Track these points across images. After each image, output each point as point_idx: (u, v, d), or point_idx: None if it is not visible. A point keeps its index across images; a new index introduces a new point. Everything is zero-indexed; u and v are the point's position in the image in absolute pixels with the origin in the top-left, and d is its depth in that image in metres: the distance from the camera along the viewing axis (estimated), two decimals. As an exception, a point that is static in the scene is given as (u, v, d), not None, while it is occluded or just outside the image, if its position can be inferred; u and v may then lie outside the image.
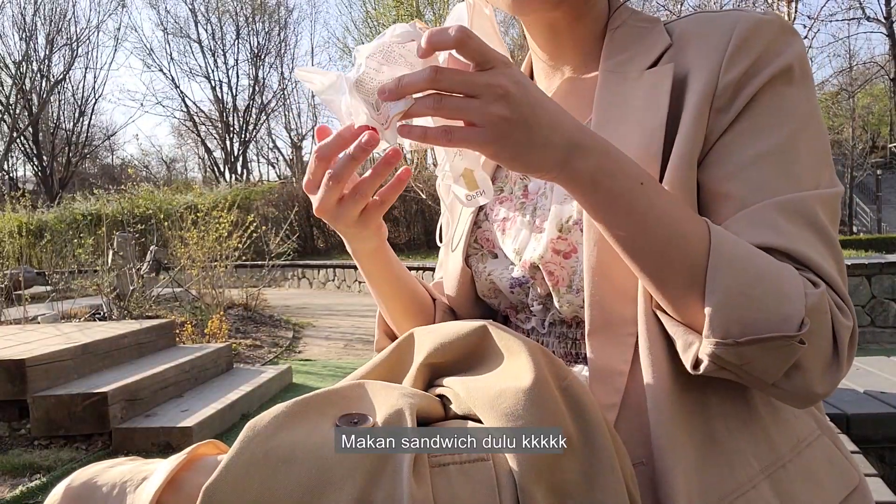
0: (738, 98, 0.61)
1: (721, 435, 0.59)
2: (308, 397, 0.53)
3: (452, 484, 0.48)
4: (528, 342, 0.56)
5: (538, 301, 0.72)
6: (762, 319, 0.52)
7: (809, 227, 0.58)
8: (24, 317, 5.43)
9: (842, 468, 0.65)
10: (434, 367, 0.61)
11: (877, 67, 22.23)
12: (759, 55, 0.61)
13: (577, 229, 0.66)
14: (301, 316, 7.57)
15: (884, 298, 5.41)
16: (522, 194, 0.75)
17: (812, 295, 0.54)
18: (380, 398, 0.53)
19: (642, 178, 0.55)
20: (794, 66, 0.62)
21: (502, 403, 0.51)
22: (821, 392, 0.56)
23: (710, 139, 0.61)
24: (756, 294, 0.53)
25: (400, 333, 0.80)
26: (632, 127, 0.63)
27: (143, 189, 13.45)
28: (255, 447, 0.47)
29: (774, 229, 0.57)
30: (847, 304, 0.57)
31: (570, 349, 0.70)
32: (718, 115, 0.61)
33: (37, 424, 3.14)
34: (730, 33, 0.62)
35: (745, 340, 0.52)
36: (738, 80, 0.61)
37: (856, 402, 2.71)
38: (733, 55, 0.61)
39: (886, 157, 23.28)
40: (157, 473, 0.50)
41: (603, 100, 0.67)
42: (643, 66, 0.66)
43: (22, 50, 25.29)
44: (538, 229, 0.71)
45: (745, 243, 0.56)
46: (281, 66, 29.20)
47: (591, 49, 0.74)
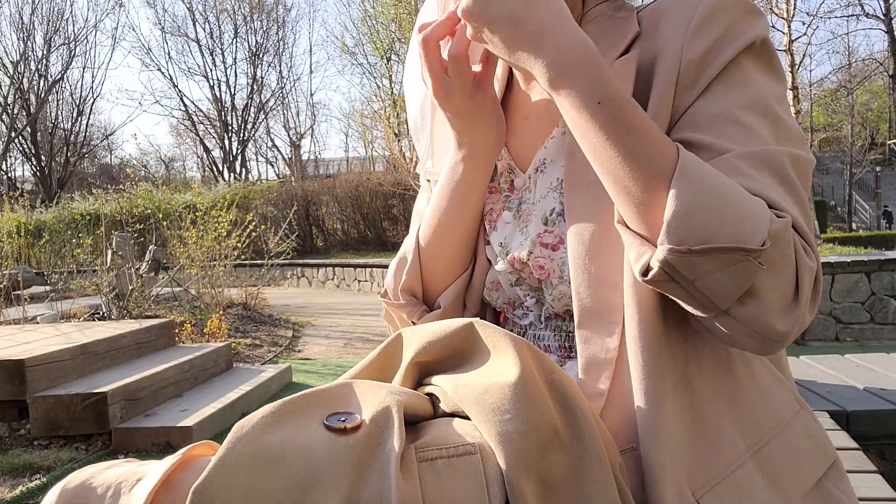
0: (703, 76, 0.62)
1: (708, 416, 0.60)
2: (296, 397, 0.53)
3: (440, 478, 0.48)
4: (514, 338, 0.57)
5: (530, 295, 0.73)
6: (721, 232, 0.51)
7: (775, 175, 0.57)
8: (23, 317, 5.43)
9: (820, 444, 0.67)
10: (422, 365, 0.62)
11: (876, 64, 22.25)
12: (722, 33, 0.62)
13: (562, 220, 0.67)
14: (300, 315, 7.57)
15: (883, 295, 5.41)
16: (508, 189, 0.76)
17: (777, 222, 0.53)
18: (367, 396, 0.54)
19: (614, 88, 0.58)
20: (755, 43, 0.63)
21: (489, 399, 0.52)
22: (780, 329, 0.54)
23: (675, 117, 0.62)
24: (718, 206, 0.52)
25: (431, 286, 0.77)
26: None
27: (141, 188, 13.44)
28: (243, 447, 0.48)
29: (737, 173, 0.56)
30: (812, 248, 0.56)
31: (565, 342, 0.71)
32: (683, 92, 0.62)
33: (36, 424, 3.14)
34: (692, 12, 0.63)
35: (700, 249, 0.51)
36: (701, 58, 0.62)
37: (856, 398, 2.72)
38: (695, 33, 0.62)
39: (885, 153, 23.29)
40: (152, 474, 0.50)
41: None
42: (613, 56, 0.67)
43: (19, 49, 25.32)
44: (523, 224, 0.72)
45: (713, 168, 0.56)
46: (279, 65, 29.30)
47: None
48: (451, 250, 0.76)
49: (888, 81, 22.03)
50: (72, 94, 27.60)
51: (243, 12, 28.56)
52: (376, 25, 16.93)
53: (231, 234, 7.09)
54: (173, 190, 14.12)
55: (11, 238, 8.32)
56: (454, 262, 0.77)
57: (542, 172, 0.71)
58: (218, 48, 28.71)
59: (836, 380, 3.00)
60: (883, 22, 20.13)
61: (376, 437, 0.49)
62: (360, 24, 16.95)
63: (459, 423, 0.54)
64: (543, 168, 0.71)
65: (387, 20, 16.83)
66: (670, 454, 0.56)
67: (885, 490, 1.88)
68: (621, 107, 0.56)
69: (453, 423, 0.54)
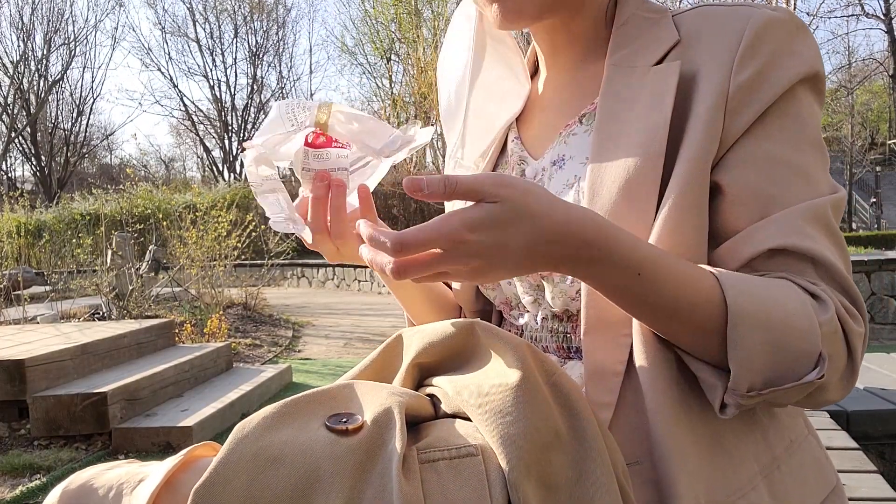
0: (754, 100, 0.60)
1: (725, 437, 0.60)
2: (297, 398, 0.53)
3: (442, 480, 0.48)
4: (514, 339, 0.56)
5: (529, 293, 0.71)
6: (783, 369, 0.54)
7: (826, 231, 0.59)
8: (23, 317, 5.43)
9: (824, 468, 0.67)
10: (423, 366, 0.61)
11: (876, 64, 22.25)
12: (773, 57, 0.60)
13: None
14: (300, 315, 7.57)
15: (883, 295, 5.41)
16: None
17: (825, 324, 0.55)
18: (368, 397, 0.53)
19: (640, 268, 0.54)
20: (810, 75, 0.62)
21: (490, 401, 0.51)
22: (839, 398, 0.59)
23: (727, 142, 0.60)
24: (776, 344, 0.54)
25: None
26: (635, 124, 0.63)
27: (141, 189, 13.44)
28: (245, 448, 0.48)
29: (801, 234, 0.58)
30: (858, 307, 0.58)
31: (563, 343, 0.69)
32: (733, 117, 0.60)
33: (36, 424, 3.14)
34: (741, 32, 0.61)
35: (769, 392, 0.54)
36: (752, 82, 0.60)
37: (856, 398, 2.72)
38: (745, 55, 0.60)
39: (885, 153, 23.29)
40: (154, 476, 0.50)
41: (608, 94, 0.66)
42: (650, 61, 0.65)
43: (19, 49, 25.31)
44: None
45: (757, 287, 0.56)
46: (279, 65, 29.28)
47: (592, 41, 0.73)
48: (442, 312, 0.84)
49: (888, 81, 22.02)
50: (72, 94, 27.62)
51: (243, 12, 28.56)
52: (376, 25, 16.93)
53: (231, 234, 7.09)
54: (173, 190, 14.11)
55: (11, 238, 8.32)
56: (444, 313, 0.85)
57: (561, 168, 0.69)
58: (218, 48, 28.72)
59: (836, 380, 2.99)
60: (883, 22, 20.12)
61: (378, 438, 0.49)
62: (360, 23, 16.97)
63: (461, 424, 0.54)
64: (562, 164, 0.69)
65: (387, 20, 16.83)
66: (688, 473, 0.56)
67: (885, 490, 1.88)
68: (656, 270, 0.54)
69: (455, 425, 0.54)
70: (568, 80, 0.75)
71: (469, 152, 0.79)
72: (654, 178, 0.60)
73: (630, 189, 0.60)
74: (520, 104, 0.79)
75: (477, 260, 0.50)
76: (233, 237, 7.07)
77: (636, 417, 0.59)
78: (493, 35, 0.78)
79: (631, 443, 0.59)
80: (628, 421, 0.60)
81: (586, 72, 0.73)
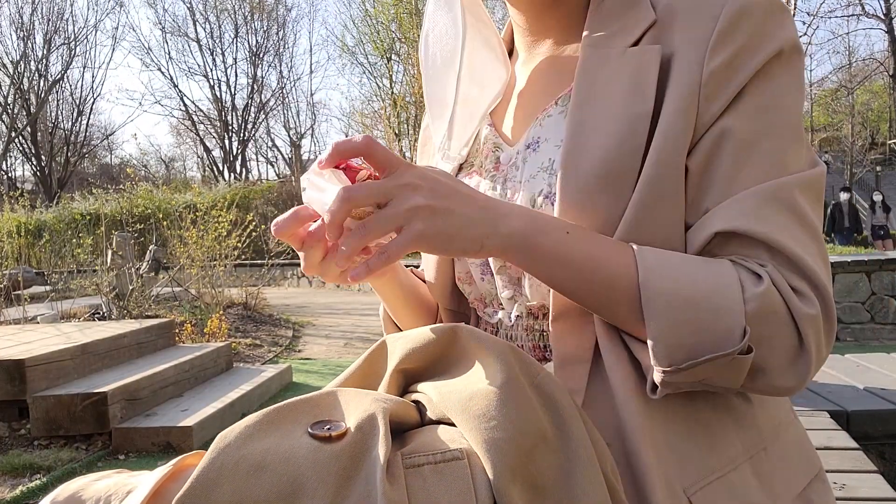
0: (727, 86, 0.59)
1: (705, 416, 0.60)
2: (279, 406, 0.52)
3: (427, 484, 0.48)
4: (497, 342, 0.56)
5: (508, 287, 0.70)
6: (701, 341, 0.54)
7: (788, 211, 0.58)
8: (23, 317, 5.43)
9: (808, 452, 0.68)
10: (407, 372, 0.61)
11: (876, 64, 22.24)
12: (747, 41, 0.59)
13: (549, 203, 0.64)
14: (301, 315, 7.57)
15: (883, 295, 5.41)
16: (494, 167, 0.72)
17: (752, 300, 0.54)
18: (352, 404, 0.53)
19: (567, 227, 0.59)
20: (783, 50, 0.60)
21: (474, 406, 0.51)
22: (790, 385, 0.57)
23: (700, 129, 0.60)
24: (690, 317, 0.54)
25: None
26: (612, 109, 0.61)
27: (141, 188, 13.44)
28: (227, 456, 0.47)
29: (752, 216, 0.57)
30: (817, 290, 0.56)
31: (539, 342, 0.69)
32: (707, 103, 0.59)
33: (36, 424, 3.14)
34: (716, 15, 0.60)
35: (687, 365, 0.53)
36: (725, 68, 0.59)
37: (856, 398, 2.72)
38: (718, 41, 0.59)
39: (886, 153, 23.28)
40: (142, 486, 0.49)
41: (584, 77, 0.64)
42: (626, 43, 0.64)
43: (19, 49, 25.31)
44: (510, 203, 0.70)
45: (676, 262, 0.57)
46: (279, 65, 29.31)
47: (576, 21, 0.71)
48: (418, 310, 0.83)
49: (888, 81, 22.01)
50: (72, 94, 27.61)
51: (244, 12, 28.57)
52: (376, 25, 16.94)
53: (231, 234, 7.09)
54: (173, 190, 14.12)
55: (11, 238, 8.32)
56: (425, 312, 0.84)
57: (535, 151, 0.68)
58: (218, 48, 28.73)
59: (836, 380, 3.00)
60: (883, 22, 20.11)
61: (362, 445, 0.49)
62: (361, 23, 16.97)
63: (445, 429, 0.54)
64: (536, 146, 0.68)
65: (387, 20, 16.83)
66: (656, 452, 0.56)
67: (885, 490, 1.88)
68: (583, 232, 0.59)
69: (440, 430, 0.54)
70: (545, 64, 0.73)
71: (455, 143, 0.77)
72: (632, 168, 0.59)
73: (608, 178, 0.60)
74: (500, 88, 0.77)
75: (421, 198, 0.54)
76: (233, 237, 7.08)
77: (603, 402, 0.59)
78: (475, 14, 0.76)
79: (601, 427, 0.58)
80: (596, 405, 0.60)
81: (564, 55, 0.71)
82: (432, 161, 0.81)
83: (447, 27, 0.76)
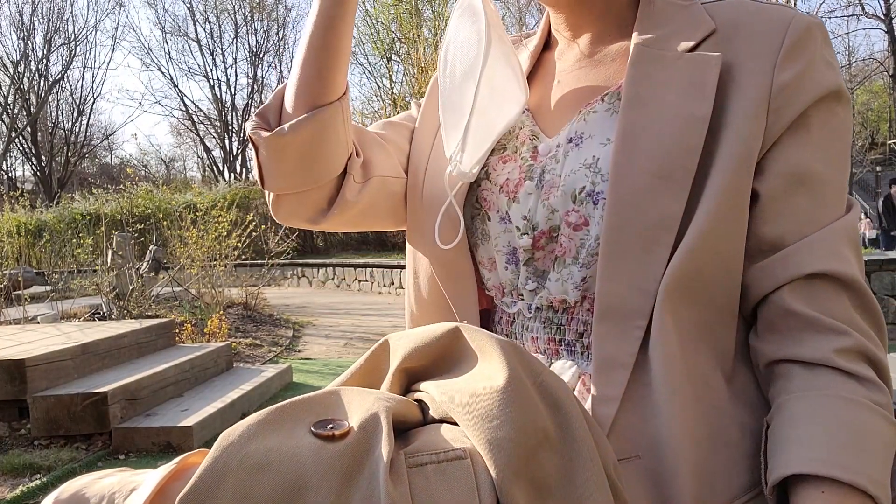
0: (794, 103, 0.60)
1: (734, 438, 0.59)
2: (282, 405, 0.52)
3: (430, 484, 0.47)
4: (500, 341, 0.56)
5: (532, 279, 0.69)
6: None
7: (857, 251, 0.62)
8: (23, 317, 5.43)
9: None
10: (410, 371, 0.61)
11: (876, 64, 22.24)
12: (810, 62, 0.61)
13: (590, 201, 0.64)
14: (301, 315, 7.57)
15: (884, 295, 5.42)
16: (531, 156, 0.71)
17: (887, 406, 0.58)
18: (355, 403, 0.53)
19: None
20: (841, 89, 0.62)
21: (477, 405, 0.51)
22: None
23: (768, 141, 0.61)
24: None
25: (291, 109, 0.69)
26: (669, 111, 0.61)
27: (141, 188, 13.46)
28: (229, 455, 0.47)
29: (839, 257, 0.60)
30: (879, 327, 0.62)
31: (555, 335, 0.68)
32: (776, 115, 0.60)
33: (37, 424, 3.14)
34: (783, 32, 0.61)
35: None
36: (794, 84, 0.60)
37: (856, 398, 2.70)
38: (787, 56, 0.60)
39: (886, 153, 23.28)
40: (146, 484, 0.49)
41: (636, 76, 0.64)
42: (683, 47, 0.64)
43: (20, 49, 25.32)
44: (545, 196, 0.68)
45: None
46: (280, 65, 29.21)
47: (614, 19, 0.71)
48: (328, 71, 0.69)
49: (888, 81, 22.01)
50: (72, 94, 27.62)
51: (244, 12, 28.57)
52: (376, 25, 16.94)
53: (231, 234, 7.09)
54: (173, 190, 14.13)
55: (11, 238, 8.32)
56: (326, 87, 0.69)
57: (578, 146, 0.66)
58: (218, 48, 28.76)
59: (836, 380, 2.98)
60: (883, 22, 20.12)
61: (365, 444, 0.48)
62: (361, 23, 16.97)
63: (448, 428, 0.54)
64: (580, 141, 0.67)
65: (387, 20, 16.83)
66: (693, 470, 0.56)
67: (886, 490, 1.87)
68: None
69: (442, 429, 0.54)
70: (586, 57, 0.73)
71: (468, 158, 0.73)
72: (688, 170, 0.59)
73: (664, 178, 0.59)
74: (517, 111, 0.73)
75: None
76: (233, 237, 7.08)
77: (641, 412, 0.59)
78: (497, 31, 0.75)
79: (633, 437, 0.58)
80: (632, 415, 0.59)
81: (606, 50, 0.71)
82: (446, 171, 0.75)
83: (469, 38, 0.75)
